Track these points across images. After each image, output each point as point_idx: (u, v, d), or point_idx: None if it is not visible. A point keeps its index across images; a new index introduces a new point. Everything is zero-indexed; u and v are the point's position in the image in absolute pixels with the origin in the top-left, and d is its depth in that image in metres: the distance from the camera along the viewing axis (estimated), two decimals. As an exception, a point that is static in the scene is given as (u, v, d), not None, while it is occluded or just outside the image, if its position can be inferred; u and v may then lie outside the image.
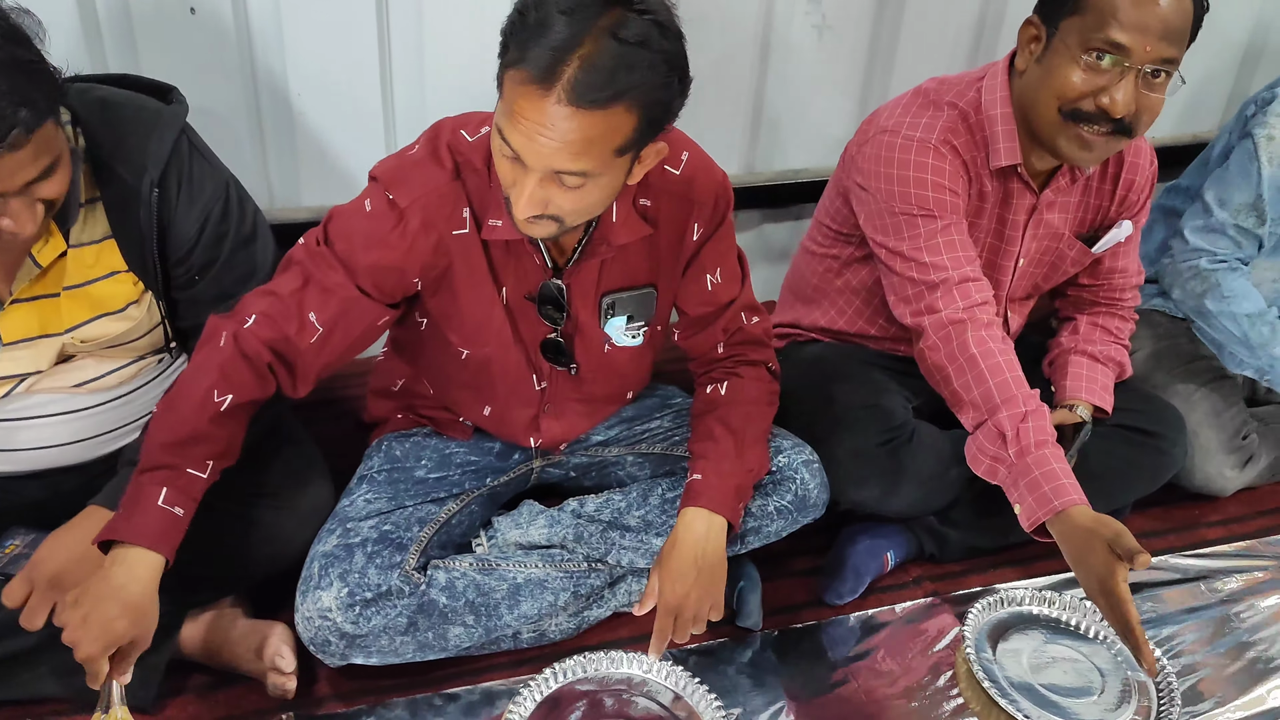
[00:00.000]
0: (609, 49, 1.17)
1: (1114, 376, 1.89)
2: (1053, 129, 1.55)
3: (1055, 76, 1.51)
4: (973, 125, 1.65)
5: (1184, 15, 1.47)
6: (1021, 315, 1.91)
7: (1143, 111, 1.51)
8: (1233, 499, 2.06)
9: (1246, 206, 1.92)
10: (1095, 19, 1.47)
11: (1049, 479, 1.46)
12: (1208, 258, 1.98)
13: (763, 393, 1.63)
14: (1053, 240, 1.78)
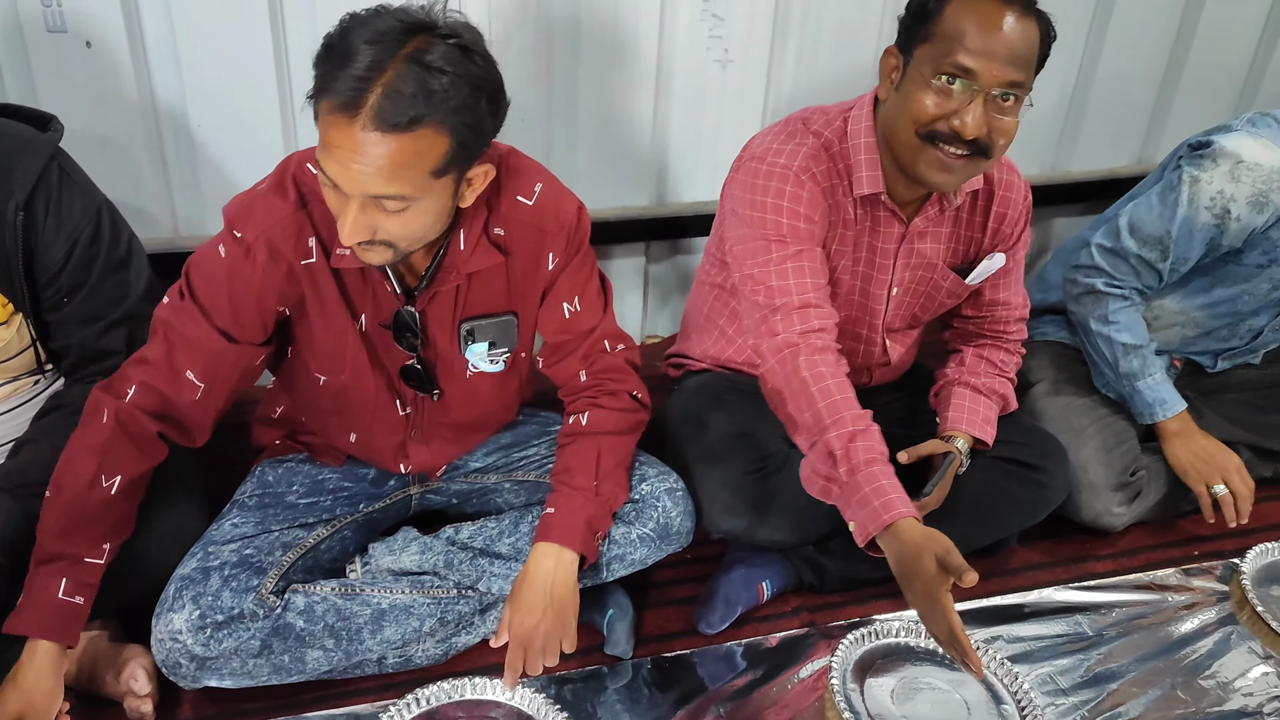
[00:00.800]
0: (411, 74, 1.22)
1: (997, 408, 1.91)
2: (912, 153, 1.60)
3: (910, 101, 1.57)
4: (835, 154, 1.70)
5: (1029, 42, 1.52)
6: (903, 345, 1.94)
7: (996, 133, 1.56)
8: (1125, 532, 2.07)
9: (1154, 239, 1.94)
10: (944, 46, 1.53)
11: (878, 494, 1.50)
12: (1105, 280, 2.00)
13: (625, 422, 1.65)
14: (926, 270, 1.82)
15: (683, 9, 2.16)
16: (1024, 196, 1.82)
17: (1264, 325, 2.07)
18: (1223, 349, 2.15)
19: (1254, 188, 1.84)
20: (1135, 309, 2.01)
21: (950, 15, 1.52)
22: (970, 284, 1.85)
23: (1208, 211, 1.88)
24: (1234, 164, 1.84)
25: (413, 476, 1.78)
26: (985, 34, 1.50)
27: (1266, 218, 1.86)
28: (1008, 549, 2.00)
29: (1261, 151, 1.83)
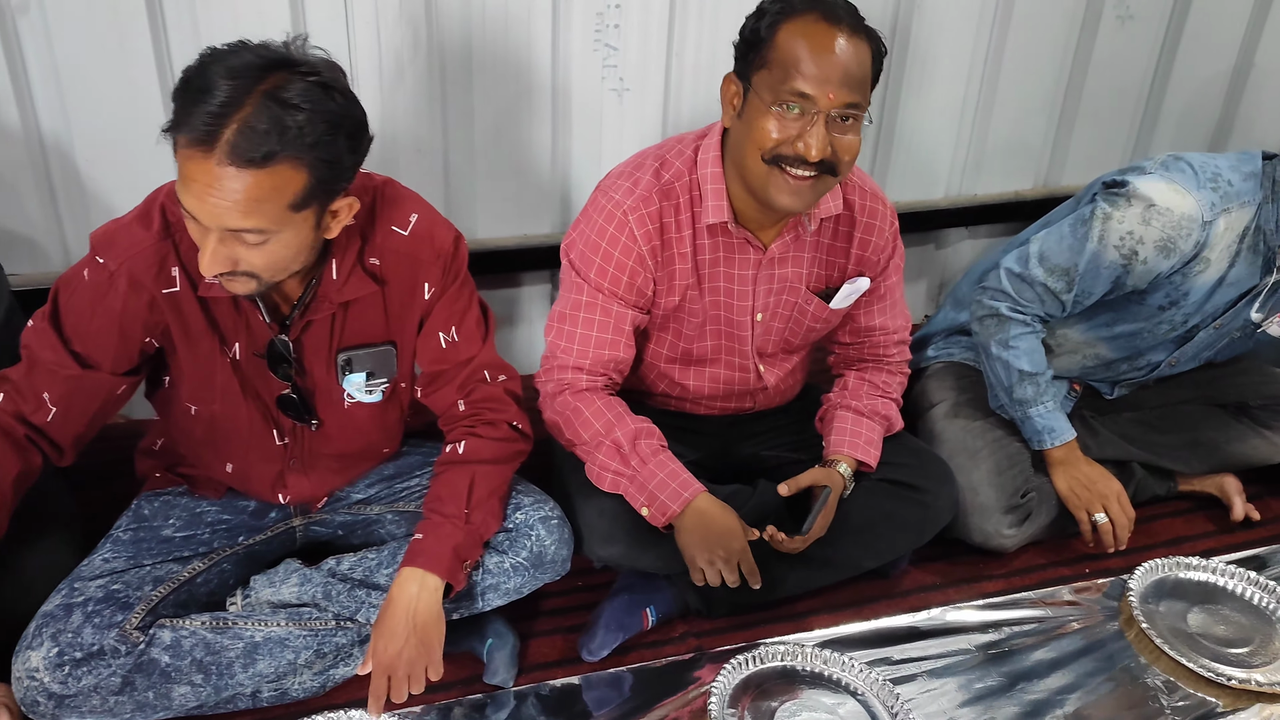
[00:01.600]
0: (267, 110, 1.25)
1: (881, 430, 1.94)
2: (760, 178, 1.64)
3: (753, 129, 1.60)
4: (681, 186, 1.73)
5: (861, 62, 1.58)
6: (780, 370, 1.97)
7: (839, 152, 1.61)
8: (1018, 551, 2.09)
9: (1061, 270, 1.96)
10: (780, 73, 1.57)
11: (674, 476, 1.71)
12: (1009, 305, 2.02)
13: (501, 451, 1.67)
14: (790, 295, 1.85)
15: (575, 41, 2.19)
16: (889, 222, 1.86)
17: (1161, 360, 2.11)
18: (1120, 379, 2.18)
19: (1163, 232, 1.85)
20: (1035, 336, 2.04)
21: (782, 41, 1.57)
22: (835, 308, 1.87)
23: (1116, 250, 1.90)
24: (1146, 207, 1.86)
25: (294, 508, 1.78)
26: (818, 59, 1.54)
27: (1173, 263, 1.88)
28: (900, 570, 2.02)
29: (1174, 197, 1.85)
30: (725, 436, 2.02)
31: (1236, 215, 1.87)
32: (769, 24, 1.59)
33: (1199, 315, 1.99)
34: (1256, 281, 1.94)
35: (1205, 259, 1.90)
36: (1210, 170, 1.88)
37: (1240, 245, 1.90)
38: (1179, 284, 1.93)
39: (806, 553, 1.83)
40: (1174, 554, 2.11)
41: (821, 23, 1.56)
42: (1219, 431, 2.17)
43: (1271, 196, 1.87)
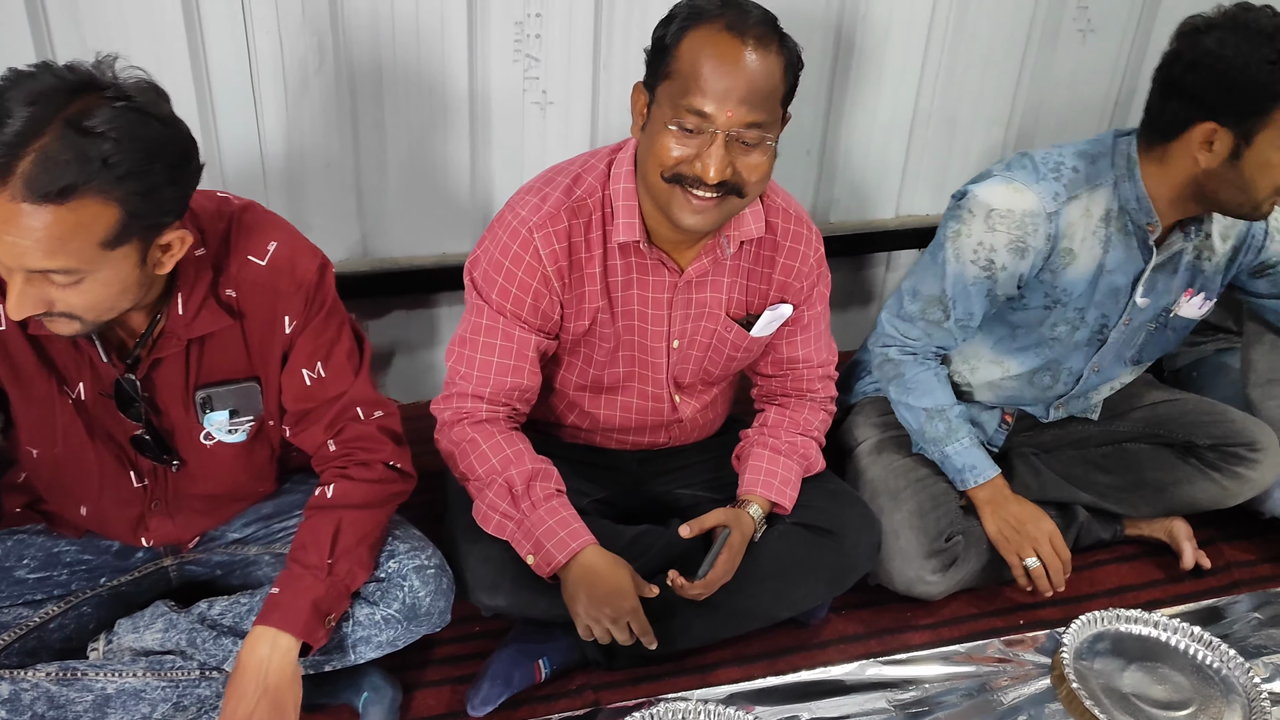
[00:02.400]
0: (68, 140, 1.15)
1: (799, 470, 1.84)
2: (663, 196, 1.55)
3: (654, 144, 1.52)
4: (594, 203, 1.64)
5: (768, 78, 1.47)
6: (698, 401, 1.87)
7: (744, 173, 1.51)
8: (948, 600, 1.98)
9: (934, 300, 1.89)
10: (680, 86, 1.48)
11: (564, 525, 1.61)
12: (898, 347, 1.95)
13: (375, 494, 1.57)
14: (708, 321, 1.75)
15: (494, 51, 2.10)
16: (814, 248, 1.76)
17: (1082, 368, 2.01)
18: (1053, 397, 2.07)
19: (1010, 234, 1.79)
20: (934, 371, 1.95)
21: (685, 53, 1.47)
22: (755, 337, 1.77)
23: (974, 265, 1.83)
24: (988, 213, 1.80)
25: (164, 548, 1.68)
26: (719, 74, 1.44)
27: (1032, 262, 1.82)
28: (820, 619, 1.91)
29: (1013, 196, 1.78)
30: (638, 473, 1.93)
31: (1090, 200, 1.80)
32: (675, 32, 1.49)
33: (1097, 309, 1.90)
34: (1143, 265, 1.86)
35: (1067, 250, 1.82)
36: (1053, 160, 1.82)
37: (1108, 229, 1.82)
38: (1051, 281, 1.86)
39: (714, 600, 1.73)
40: (1117, 604, 2.01)
41: (725, 34, 1.46)
42: (1165, 473, 2.06)
43: (1126, 174, 1.79)
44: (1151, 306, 1.91)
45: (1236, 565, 2.12)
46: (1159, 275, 1.88)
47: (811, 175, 2.47)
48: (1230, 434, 2.05)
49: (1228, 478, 2.04)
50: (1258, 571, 2.12)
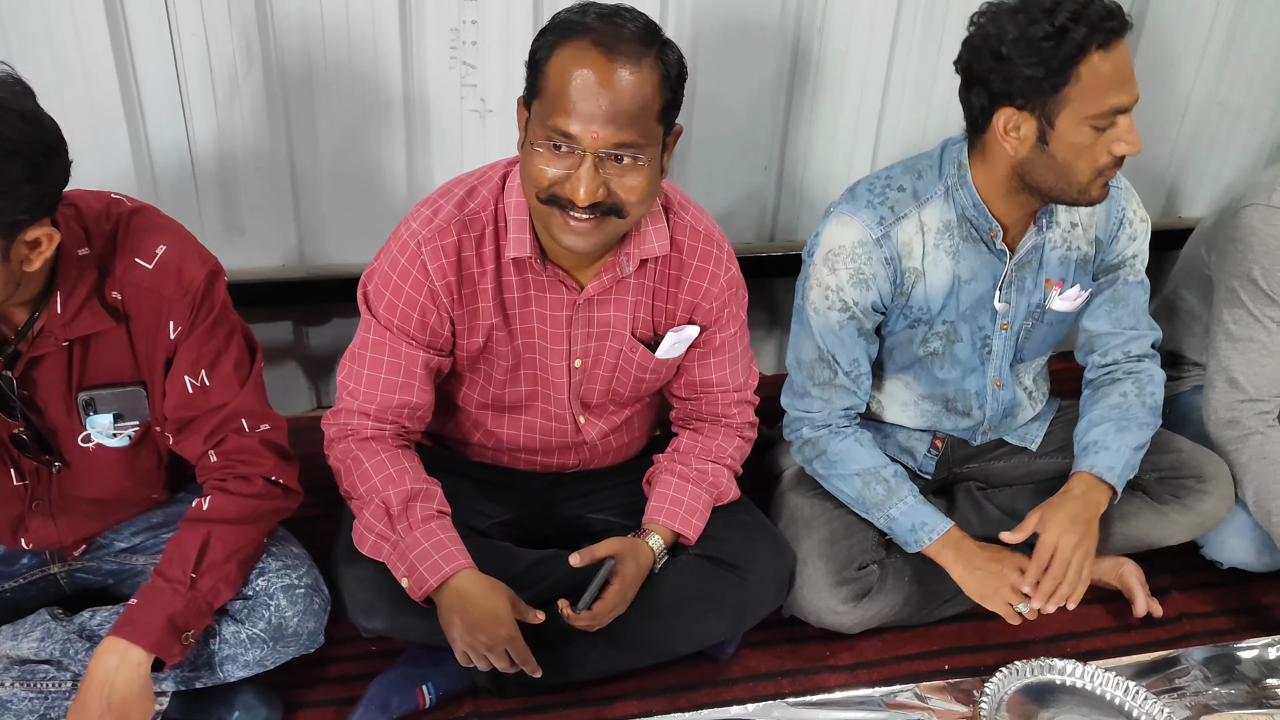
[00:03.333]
0: None
1: (708, 499, 1.79)
2: (544, 217, 1.52)
3: (528, 164, 1.49)
4: (487, 216, 1.61)
5: (638, 95, 1.42)
6: (606, 424, 1.82)
7: (620, 194, 1.47)
8: (874, 637, 1.90)
9: (816, 362, 1.83)
10: (549, 105, 1.44)
11: (439, 548, 1.57)
12: (808, 425, 1.89)
13: (249, 509, 1.55)
14: (614, 341, 1.71)
15: (430, 58, 2.07)
16: (724, 268, 1.70)
17: (983, 387, 1.94)
18: (974, 423, 1.99)
19: (849, 269, 1.75)
20: (854, 438, 1.88)
21: (553, 70, 1.43)
22: (661, 358, 1.71)
23: (832, 311, 1.79)
24: (825, 255, 1.77)
25: (50, 554, 1.67)
26: (583, 94, 1.40)
27: (879, 289, 1.78)
28: (730, 654, 1.85)
29: (841, 231, 1.76)
30: (549, 496, 1.88)
31: (923, 214, 1.76)
32: (545, 47, 1.45)
33: (967, 322, 1.84)
34: (1001, 269, 1.80)
35: (911, 270, 1.78)
36: (880, 183, 1.78)
37: (954, 240, 1.77)
38: (904, 304, 1.81)
39: (610, 631, 1.68)
40: (1055, 652, 1.93)
41: (592, 51, 1.41)
42: (1115, 507, 1.94)
43: (959, 181, 1.74)
44: (1021, 306, 1.85)
45: (1190, 616, 2.01)
46: (1024, 274, 1.82)
47: (770, 192, 2.41)
48: (1177, 465, 1.95)
49: (1176, 511, 1.94)
50: (1212, 624, 2.01)
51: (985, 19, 1.60)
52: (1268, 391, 1.95)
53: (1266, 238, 1.92)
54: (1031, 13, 1.55)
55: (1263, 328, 1.94)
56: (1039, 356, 2.00)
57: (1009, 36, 1.56)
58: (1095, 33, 1.53)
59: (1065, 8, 1.53)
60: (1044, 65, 1.55)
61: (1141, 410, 1.90)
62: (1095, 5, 1.54)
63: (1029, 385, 2.02)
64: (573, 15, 1.45)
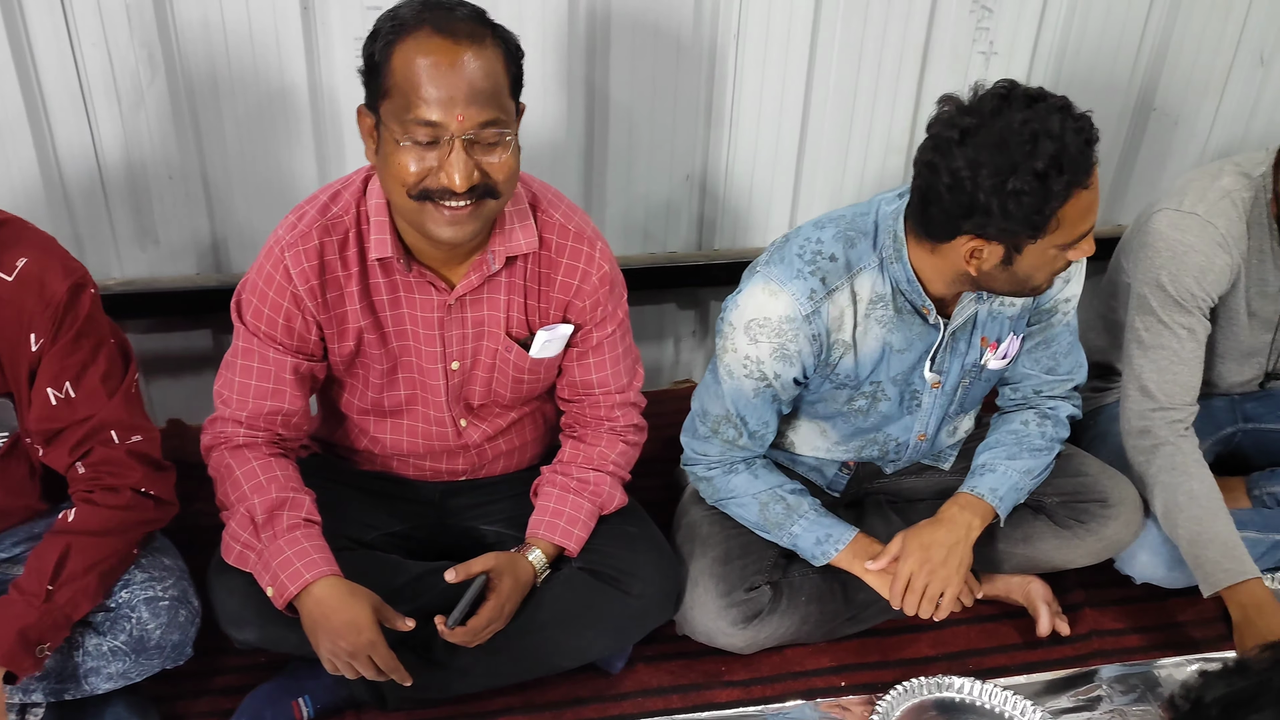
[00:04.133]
0: None
1: (591, 508, 1.78)
2: (416, 215, 1.51)
3: (391, 165, 1.48)
4: (350, 219, 1.62)
5: (490, 74, 1.44)
6: (491, 428, 1.82)
7: (492, 174, 1.48)
8: (769, 655, 1.88)
9: (723, 418, 1.79)
10: (403, 101, 1.44)
11: (302, 555, 1.56)
12: (703, 465, 1.86)
13: (115, 520, 1.55)
14: (490, 341, 1.71)
15: (337, 63, 2.07)
16: (597, 265, 1.70)
17: (907, 437, 1.90)
18: (886, 459, 1.97)
19: (771, 344, 1.68)
20: (750, 471, 1.85)
21: (398, 66, 1.43)
22: (536, 358, 1.71)
23: (748, 379, 1.73)
24: (746, 324, 1.68)
25: None
26: (439, 80, 1.41)
27: (802, 364, 1.71)
28: (622, 668, 1.84)
29: (769, 303, 1.67)
30: (440, 506, 1.88)
31: (855, 286, 1.68)
32: (383, 48, 1.45)
33: (896, 386, 1.80)
34: (934, 340, 1.75)
35: (839, 343, 1.72)
36: (811, 249, 1.68)
37: (889, 311, 1.70)
38: (829, 372, 1.75)
39: (493, 645, 1.68)
40: (958, 669, 1.92)
41: (435, 38, 1.42)
42: (1015, 528, 1.93)
43: (894, 255, 1.66)
44: (955, 369, 1.81)
45: (1100, 634, 1.98)
46: (958, 339, 1.77)
47: (694, 202, 2.39)
48: (1080, 489, 1.92)
49: (1079, 535, 1.92)
50: (1123, 642, 1.98)
51: (956, 150, 1.46)
52: (1180, 399, 1.92)
53: (1174, 243, 1.90)
54: (1009, 155, 1.43)
55: (1173, 334, 1.91)
56: (977, 405, 1.98)
57: (985, 184, 1.44)
58: (1077, 175, 1.45)
59: (1043, 151, 1.42)
60: (1024, 220, 1.47)
61: (1039, 439, 1.87)
62: (1071, 139, 1.44)
63: (966, 425, 2.00)
64: (401, 13, 1.45)
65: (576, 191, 2.31)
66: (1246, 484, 2.22)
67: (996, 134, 1.45)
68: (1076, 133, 1.45)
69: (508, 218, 1.62)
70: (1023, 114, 1.45)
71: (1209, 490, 1.86)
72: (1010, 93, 1.48)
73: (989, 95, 1.49)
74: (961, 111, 1.49)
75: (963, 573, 1.76)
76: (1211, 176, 1.95)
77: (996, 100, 1.47)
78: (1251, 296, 2.00)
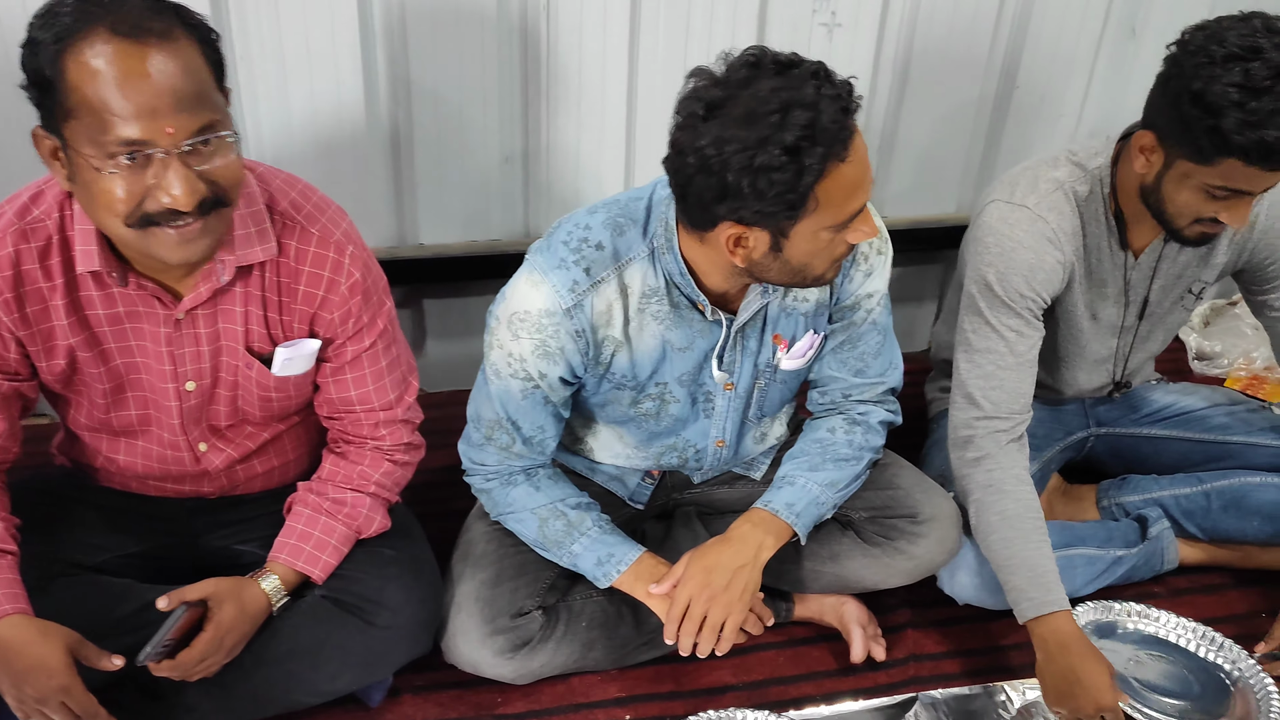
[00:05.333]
0: None
1: (346, 532, 1.65)
2: (139, 243, 1.34)
3: (96, 194, 1.29)
4: (52, 225, 1.44)
5: (193, 71, 1.27)
6: (238, 450, 1.67)
7: (219, 182, 1.33)
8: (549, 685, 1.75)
9: (496, 423, 1.65)
10: (93, 122, 1.25)
11: None
12: (481, 476, 1.72)
13: None
14: (229, 358, 1.56)
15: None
16: (346, 276, 1.53)
17: (704, 443, 1.75)
18: (696, 470, 1.83)
19: (533, 340, 1.54)
20: (530, 483, 1.71)
21: (75, 82, 1.24)
22: (279, 375, 1.57)
23: (514, 379, 1.59)
24: (509, 318, 1.55)
25: None
26: (133, 93, 1.23)
27: (568, 361, 1.57)
28: (379, 701, 1.70)
29: (530, 294, 1.53)
30: (189, 525, 1.73)
31: (624, 277, 1.54)
32: (50, 60, 1.25)
33: (684, 386, 1.66)
34: (718, 336, 1.61)
35: (609, 339, 1.58)
36: (579, 235, 1.54)
37: (665, 305, 1.56)
38: (604, 372, 1.62)
39: (224, 680, 1.55)
40: (759, 698, 1.79)
41: (115, 41, 1.23)
42: (822, 545, 1.80)
43: (666, 245, 1.52)
44: (747, 369, 1.66)
45: (919, 658, 1.85)
46: (747, 335, 1.63)
47: (516, 185, 2.24)
48: (890, 503, 1.78)
49: (887, 554, 1.78)
50: (941, 667, 1.84)
51: (702, 126, 1.32)
52: (1007, 408, 1.77)
53: (1003, 238, 1.75)
54: (756, 129, 1.29)
55: (1000, 338, 1.76)
56: (784, 406, 1.83)
57: (734, 165, 1.31)
58: (833, 147, 1.31)
59: (794, 121, 1.28)
60: (778, 199, 1.33)
61: (846, 448, 1.73)
62: (826, 106, 1.29)
63: (777, 432, 1.87)
64: (60, 14, 1.26)
65: (384, 181, 2.17)
66: (1097, 493, 2.09)
67: (744, 106, 1.30)
68: (833, 99, 1.31)
69: (238, 222, 1.46)
70: (772, 82, 1.31)
71: (1024, 510, 1.72)
72: (760, 60, 1.34)
73: (738, 64, 1.35)
74: (711, 84, 1.35)
75: (747, 599, 1.62)
76: (1048, 166, 1.80)
77: (746, 69, 1.33)
78: (1092, 299, 1.86)
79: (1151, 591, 1.98)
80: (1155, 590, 1.99)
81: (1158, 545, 1.97)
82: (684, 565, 1.64)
